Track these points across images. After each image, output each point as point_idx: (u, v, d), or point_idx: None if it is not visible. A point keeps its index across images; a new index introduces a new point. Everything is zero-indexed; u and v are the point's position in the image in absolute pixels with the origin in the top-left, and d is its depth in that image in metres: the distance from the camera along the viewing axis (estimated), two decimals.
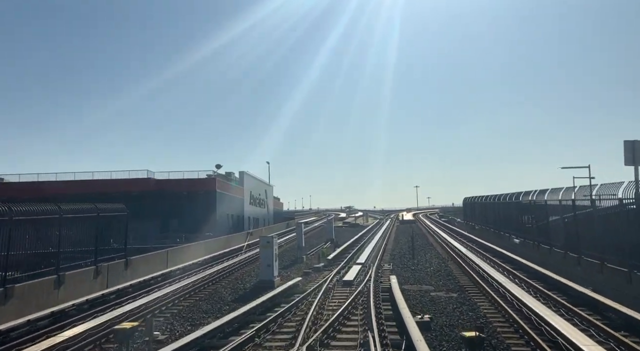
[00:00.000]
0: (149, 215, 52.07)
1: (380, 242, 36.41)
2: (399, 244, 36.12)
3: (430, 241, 37.62)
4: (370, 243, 34.61)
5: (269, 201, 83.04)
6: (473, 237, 35.57)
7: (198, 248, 28.46)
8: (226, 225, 56.64)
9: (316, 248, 34.05)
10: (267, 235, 21.02)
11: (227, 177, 63.10)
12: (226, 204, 57.59)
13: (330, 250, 31.11)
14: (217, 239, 33.52)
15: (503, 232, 28.93)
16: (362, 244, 34.84)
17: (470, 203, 42.59)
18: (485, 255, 25.40)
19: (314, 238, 45.24)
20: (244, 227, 64.17)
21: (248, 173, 68.66)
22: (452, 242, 33.20)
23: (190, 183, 54.17)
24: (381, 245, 33.91)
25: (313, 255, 29.60)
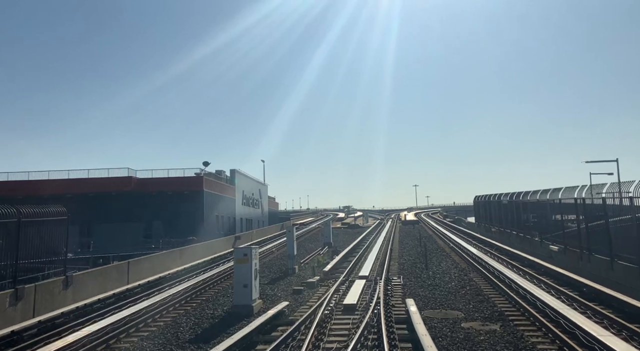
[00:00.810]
0: (130, 217, 47.83)
1: (385, 247, 32.10)
2: (405, 248, 31.83)
3: (440, 245, 33.31)
4: (374, 249, 30.29)
5: (263, 201, 78.68)
6: (491, 241, 31.27)
7: (171, 257, 24.10)
8: (215, 228, 52.33)
9: (311, 254, 29.71)
10: (246, 245, 16.66)
11: (217, 176, 58.75)
12: (215, 205, 53.26)
13: (328, 258, 26.78)
14: (197, 246, 29.11)
15: (532, 236, 24.61)
16: (363, 249, 30.52)
17: (483, 202, 38.27)
18: (514, 264, 21.10)
19: (309, 241, 40.91)
20: (235, 229, 59.89)
21: (240, 172, 64.31)
22: (468, 247, 28.90)
23: (175, 182, 49.82)
24: (386, 250, 29.61)
25: (307, 264, 25.27)
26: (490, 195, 37.14)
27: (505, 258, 23.08)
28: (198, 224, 48.84)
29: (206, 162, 51.30)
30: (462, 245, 29.76)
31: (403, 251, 30.34)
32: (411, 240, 37.92)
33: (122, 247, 43.64)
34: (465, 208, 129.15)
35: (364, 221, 75.62)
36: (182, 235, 45.88)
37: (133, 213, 48.10)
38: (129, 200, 48.67)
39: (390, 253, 27.85)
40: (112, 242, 44.98)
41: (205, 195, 49.93)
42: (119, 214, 48.07)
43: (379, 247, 31.97)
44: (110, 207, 48.55)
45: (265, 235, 47.53)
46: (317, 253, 30.88)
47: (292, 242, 22.63)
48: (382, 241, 36.54)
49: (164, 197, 49.47)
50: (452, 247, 30.87)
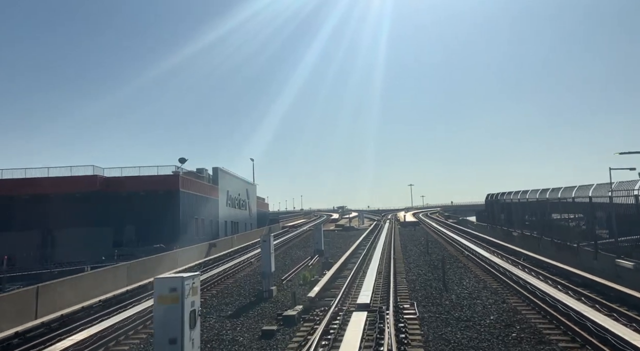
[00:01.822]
0: (98, 221, 42.31)
1: (386, 255, 26.85)
2: (411, 257, 26.56)
3: (452, 253, 28.05)
4: (373, 258, 25.01)
5: (251, 202, 73.20)
6: (514, 247, 26.03)
7: (113, 276, 18.65)
8: (194, 232, 46.88)
9: (298, 267, 24.36)
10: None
11: (198, 175, 53.27)
12: (194, 207, 47.79)
13: (316, 272, 21.46)
14: (155, 258, 23.64)
15: (578, 245, 19.36)
16: (361, 259, 25.21)
17: (500, 202, 32.94)
18: (561, 282, 15.86)
19: (298, 248, 35.56)
20: (218, 233, 54.46)
21: (224, 170, 58.83)
22: (488, 255, 23.69)
23: (147, 181, 44.23)
24: (388, 260, 24.35)
25: (290, 282, 19.92)
26: (507, 193, 31.95)
27: (545, 273, 17.83)
28: (173, 229, 43.42)
29: (183, 159, 45.80)
30: (480, 254, 24.51)
31: (409, 260, 25.06)
32: (415, 246, 32.67)
33: (89, 255, 38.45)
34: (465, 208, 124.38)
35: (360, 222, 70.41)
36: (157, 241, 40.59)
37: (101, 216, 42.60)
38: (96, 202, 43.10)
39: (394, 265, 22.56)
40: (77, 250, 39.48)
41: (181, 195, 44.45)
42: (85, 218, 42.50)
43: (379, 255, 26.71)
44: (74, 210, 42.89)
45: (249, 240, 42.11)
46: (306, 265, 25.55)
47: (268, 255, 17.23)
48: (381, 247, 31.28)
49: (135, 198, 43.92)
50: (467, 255, 25.62)
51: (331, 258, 25.83)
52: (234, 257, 29.67)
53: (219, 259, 28.33)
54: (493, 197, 35.09)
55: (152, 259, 22.91)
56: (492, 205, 35.23)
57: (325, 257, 26.95)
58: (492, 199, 35.14)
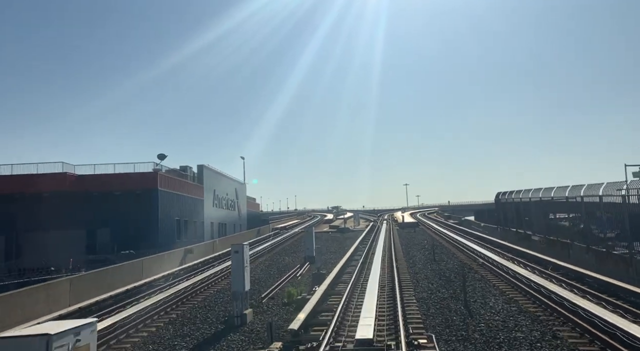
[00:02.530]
0: (69, 223, 38.36)
1: (388, 263, 23.18)
2: (417, 265, 22.86)
3: (464, 260, 24.37)
4: (373, 269, 21.29)
5: (240, 202, 69.34)
6: (535, 253, 22.37)
7: (45, 294, 14.79)
8: (175, 235, 43.04)
9: (284, 278, 20.58)
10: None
11: (181, 173, 49.36)
12: (176, 207, 43.91)
13: (305, 287, 17.72)
14: (110, 269, 19.74)
15: (631, 255, 15.69)
16: (359, 268, 21.48)
17: (514, 202, 29.20)
18: (617, 304, 12.22)
19: (287, 253, 31.80)
20: (204, 235, 50.63)
21: (210, 168, 54.96)
22: (511, 266, 20.00)
23: (122, 179, 40.30)
24: (391, 269, 20.68)
25: (272, 301, 16.13)
26: (523, 191, 28.28)
27: (592, 291, 14.18)
28: (152, 232, 39.58)
29: (162, 155, 41.91)
30: (498, 262, 20.82)
31: (414, 270, 21.35)
32: (419, 251, 28.99)
33: (59, 261, 34.69)
34: (463, 208, 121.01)
35: (355, 223, 66.71)
36: (134, 245, 36.80)
37: (72, 219, 38.62)
38: (66, 202, 39.09)
39: (398, 276, 18.87)
40: (46, 256, 35.62)
41: (160, 195, 40.55)
42: (54, 220, 38.54)
43: (379, 263, 23.01)
44: (43, 210, 38.90)
45: (226, 246, 38.32)
46: (294, 275, 21.79)
47: (240, 270, 13.41)
48: (381, 252, 27.59)
49: (110, 198, 39.99)
50: (482, 263, 21.92)
51: (323, 268, 22.08)
52: (213, 265, 25.87)
53: (194, 268, 24.51)
54: (504, 195, 31.42)
55: (108, 271, 19.04)
56: (503, 205, 31.55)
57: (317, 266, 23.20)
58: (503, 198, 31.47)
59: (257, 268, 24.82)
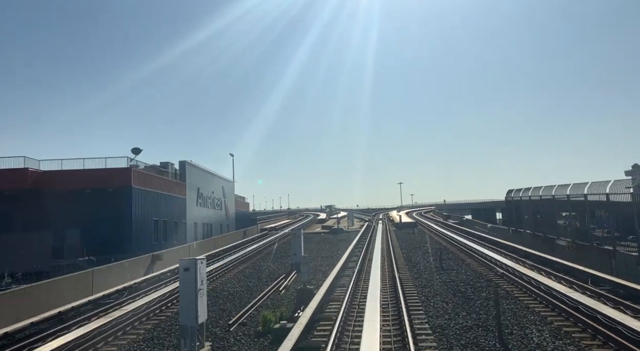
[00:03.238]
0: (32, 225, 34.48)
1: (389, 273, 19.60)
2: (422, 275, 19.29)
3: (482, 272, 20.79)
4: (372, 281, 17.68)
5: (228, 201, 65.52)
6: (567, 263, 18.79)
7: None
8: (153, 237, 39.29)
9: (261, 297, 16.82)
10: None
11: (161, 170, 45.52)
12: (153, 206, 40.10)
13: (285, 310, 14.04)
14: (44, 284, 15.92)
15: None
16: (354, 282, 17.86)
17: (534, 201, 25.50)
18: None
19: (272, 258, 28.11)
20: (186, 237, 46.86)
21: (193, 164, 51.12)
22: (547, 282, 16.42)
23: (92, 176, 36.44)
24: (394, 286, 17.08)
25: (238, 333, 12.38)
26: (543, 187, 24.70)
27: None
28: (125, 234, 35.81)
29: (137, 149, 37.95)
30: (524, 273, 17.25)
31: (422, 283, 17.73)
32: (422, 257, 25.44)
33: (23, 267, 31.10)
34: (459, 207, 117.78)
35: (349, 223, 63.13)
36: (105, 248, 33.15)
37: (36, 220, 34.75)
38: (29, 201, 35.23)
39: (403, 291, 15.27)
40: (7, 262, 31.79)
41: (135, 193, 36.74)
42: (15, 221, 34.72)
43: (379, 272, 19.43)
44: (5, 211, 35.04)
45: (217, 246, 34.58)
46: (276, 290, 18.12)
47: (191, 294, 9.68)
48: (379, 258, 24.03)
49: (80, 196, 36.09)
50: (502, 274, 18.32)
51: (312, 280, 18.44)
52: None
53: (158, 279, 20.74)
54: (517, 193, 27.83)
55: (42, 287, 15.24)
56: (516, 204, 27.98)
57: (303, 280, 19.49)
58: (516, 196, 27.85)
59: (235, 278, 21.14)
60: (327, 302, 14.71)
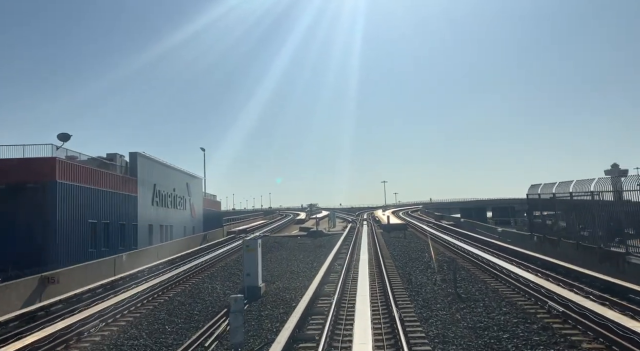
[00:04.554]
0: None
1: (383, 308, 12.90)
2: (430, 309, 12.71)
3: (529, 309, 14.18)
4: (358, 322, 10.92)
5: (194, 200, 58.20)
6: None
7: None
8: (89, 243, 32.02)
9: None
10: None
11: (104, 161, 38.17)
12: (90, 205, 32.77)
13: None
14: None
15: None
16: (332, 323, 11.12)
17: (576, 202, 18.68)
18: None
19: (224, 275, 21.10)
20: (137, 241, 39.57)
21: (147, 156, 43.78)
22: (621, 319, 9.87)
23: (4, 168, 28.99)
24: (393, 328, 10.39)
25: None
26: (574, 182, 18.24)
27: None
28: (46, 240, 28.48)
29: (65, 134, 30.39)
30: (607, 317, 10.71)
31: (439, 333, 11.03)
32: (423, 273, 18.81)
33: None
34: (447, 206, 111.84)
35: (331, 224, 56.40)
36: (25, 256, 26.03)
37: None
38: None
39: None
40: None
41: (61, 189, 29.39)
42: None
43: (368, 306, 12.70)
44: None
45: (160, 257, 27.41)
46: (207, 335, 11.19)
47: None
48: (367, 277, 17.39)
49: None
50: (565, 315, 11.72)
51: (270, 317, 11.62)
52: (80, 309, 14.94)
53: (30, 318, 13.59)
54: (544, 188, 21.22)
55: None
56: (547, 204, 21.28)
57: (259, 307, 12.66)
58: (544, 193, 21.17)
59: (152, 314, 14.16)
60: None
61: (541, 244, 21.26)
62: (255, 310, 13.91)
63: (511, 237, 26.59)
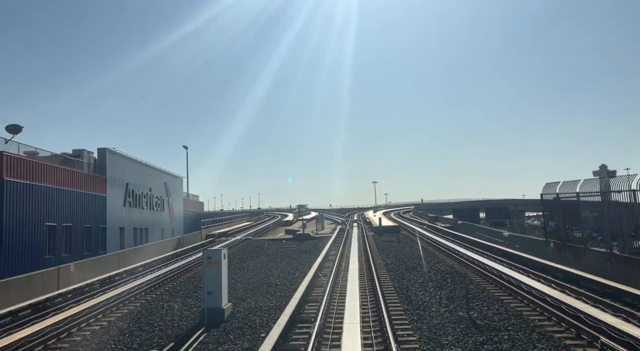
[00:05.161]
0: None
1: (376, 336, 9.75)
2: (439, 342, 9.60)
3: (554, 336, 11.13)
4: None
5: (174, 201, 54.76)
6: None
7: None
8: (45, 250, 28.58)
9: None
10: None
11: (68, 158, 34.67)
12: (47, 206, 29.32)
13: None
14: None
15: None
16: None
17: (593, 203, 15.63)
18: None
19: (190, 289, 17.79)
20: (105, 246, 36.13)
21: (117, 153, 40.33)
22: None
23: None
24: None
25: None
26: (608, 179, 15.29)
27: None
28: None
29: (15, 126, 26.82)
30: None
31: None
32: (426, 290, 15.73)
33: None
34: (438, 206, 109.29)
35: (319, 227, 53.23)
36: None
37: None
38: None
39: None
40: None
41: (8, 188, 25.92)
42: None
43: (359, 330, 9.57)
44: None
45: (121, 265, 24.00)
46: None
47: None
48: (357, 294, 14.34)
49: None
50: None
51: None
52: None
53: None
54: (567, 186, 18.25)
55: None
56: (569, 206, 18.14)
57: (216, 347, 9.40)
58: (566, 193, 18.13)
59: (81, 345, 10.90)
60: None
61: (559, 252, 18.28)
62: (212, 342, 10.71)
63: (520, 243, 23.63)
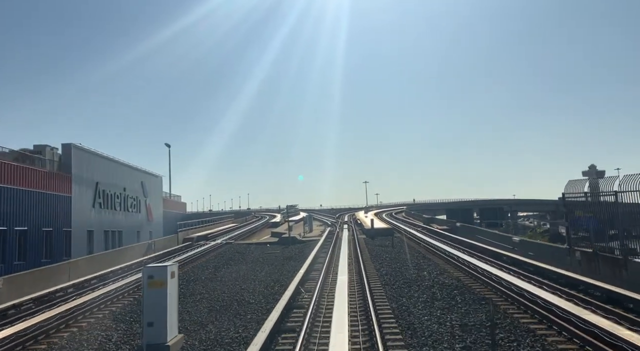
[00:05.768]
0: None
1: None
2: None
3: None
4: None
5: (152, 201, 51.30)
6: None
7: None
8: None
9: None
10: None
11: (24, 155, 31.25)
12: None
13: None
14: None
15: None
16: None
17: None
18: None
19: (128, 316, 14.46)
20: (70, 251, 32.69)
21: (85, 149, 36.89)
22: None
23: None
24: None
25: None
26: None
27: None
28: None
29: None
30: None
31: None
32: (432, 314, 12.68)
33: None
34: (432, 207, 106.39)
35: (307, 229, 50.01)
36: None
37: None
38: None
39: None
40: None
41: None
42: None
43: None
44: None
45: (70, 278, 20.64)
46: None
47: None
48: (345, 321, 11.25)
49: None
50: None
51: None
52: None
53: None
54: (600, 181, 15.23)
55: None
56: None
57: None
58: (605, 191, 15.04)
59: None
60: None
61: (589, 263, 15.31)
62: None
63: (534, 250, 20.64)
